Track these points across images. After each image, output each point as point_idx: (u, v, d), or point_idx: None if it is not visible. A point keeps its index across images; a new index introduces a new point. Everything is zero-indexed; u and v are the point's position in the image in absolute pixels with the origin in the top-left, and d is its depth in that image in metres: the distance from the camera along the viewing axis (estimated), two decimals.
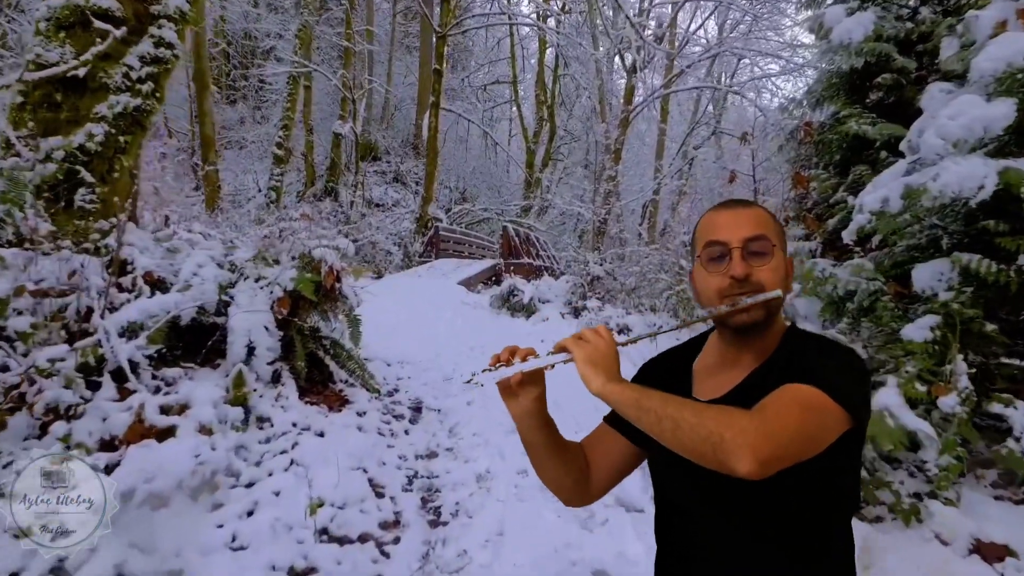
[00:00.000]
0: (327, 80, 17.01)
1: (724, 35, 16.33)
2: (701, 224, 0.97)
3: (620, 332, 6.73)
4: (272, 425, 2.97)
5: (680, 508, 0.95)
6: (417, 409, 4.17)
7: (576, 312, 8.11)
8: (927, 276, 2.93)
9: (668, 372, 1.04)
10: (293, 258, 3.83)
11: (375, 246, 13.11)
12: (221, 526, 2.30)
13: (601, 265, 8.90)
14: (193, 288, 3.40)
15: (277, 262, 3.85)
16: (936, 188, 2.62)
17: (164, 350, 3.15)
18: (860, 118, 4.14)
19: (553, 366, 0.92)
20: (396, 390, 4.47)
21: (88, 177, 4.21)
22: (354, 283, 4.22)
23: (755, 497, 0.84)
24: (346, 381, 4.05)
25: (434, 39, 15.63)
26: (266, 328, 3.46)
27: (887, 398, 2.60)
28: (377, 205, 18.76)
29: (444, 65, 17.13)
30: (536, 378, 0.95)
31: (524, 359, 0.93)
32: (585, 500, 1.05)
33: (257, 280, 3.86)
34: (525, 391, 0.95)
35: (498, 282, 12.81)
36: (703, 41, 18.71)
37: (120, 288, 3.26)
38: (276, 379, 3.50)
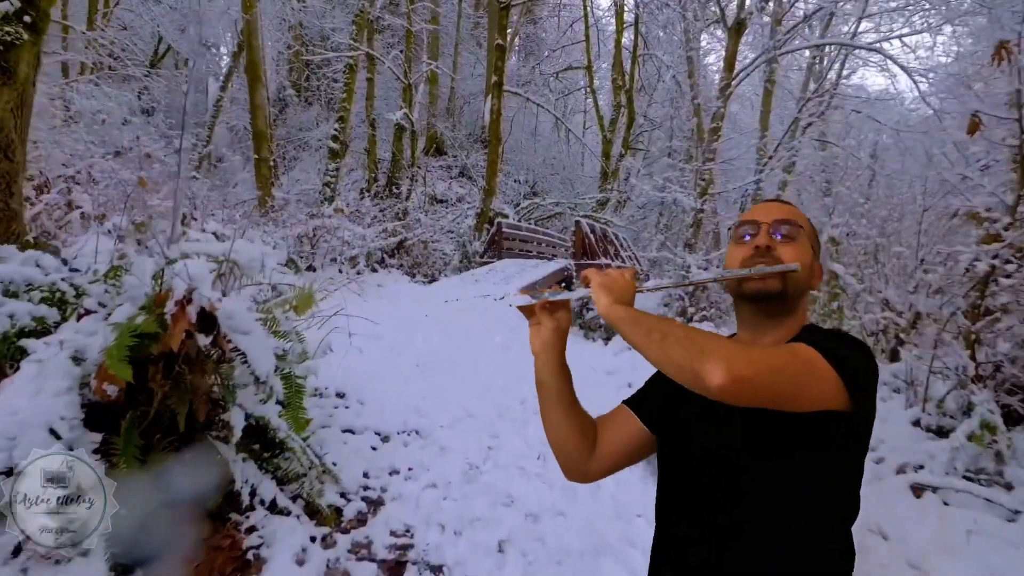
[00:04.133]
0: (392, 74, 15.59)
1: None
2: (740, 218, 1.04)
3: None
4: None
5: (690, 489, 0.92)
6: (397, 567, 2.17)
7: None
8: None
9: None
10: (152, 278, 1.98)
11: (426, 246, 11.36)
12: None
13: (707, 270, 6.62)
14: None
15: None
16: None
17: None
18: None
19: (579, 298, 0.97)
20: (377, 502, 2.52)
21: None
22: (295, 318, 2.34)
23: (767, 477, 0.84)
24: (272, 504, 2.17)
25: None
26: (53, 432, 1.62)
27: None
28: (440, 201, 17.34)
29: (507, 39, 15.24)
30: (562, 308, 1.01)
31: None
32: (586, 474, 1.04)
33: (108, 317, 2.07)
34: (549, 318, 1.00)
35: (569, 288, 10.71)
36: (800, 12, 15.50)
37: None
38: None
